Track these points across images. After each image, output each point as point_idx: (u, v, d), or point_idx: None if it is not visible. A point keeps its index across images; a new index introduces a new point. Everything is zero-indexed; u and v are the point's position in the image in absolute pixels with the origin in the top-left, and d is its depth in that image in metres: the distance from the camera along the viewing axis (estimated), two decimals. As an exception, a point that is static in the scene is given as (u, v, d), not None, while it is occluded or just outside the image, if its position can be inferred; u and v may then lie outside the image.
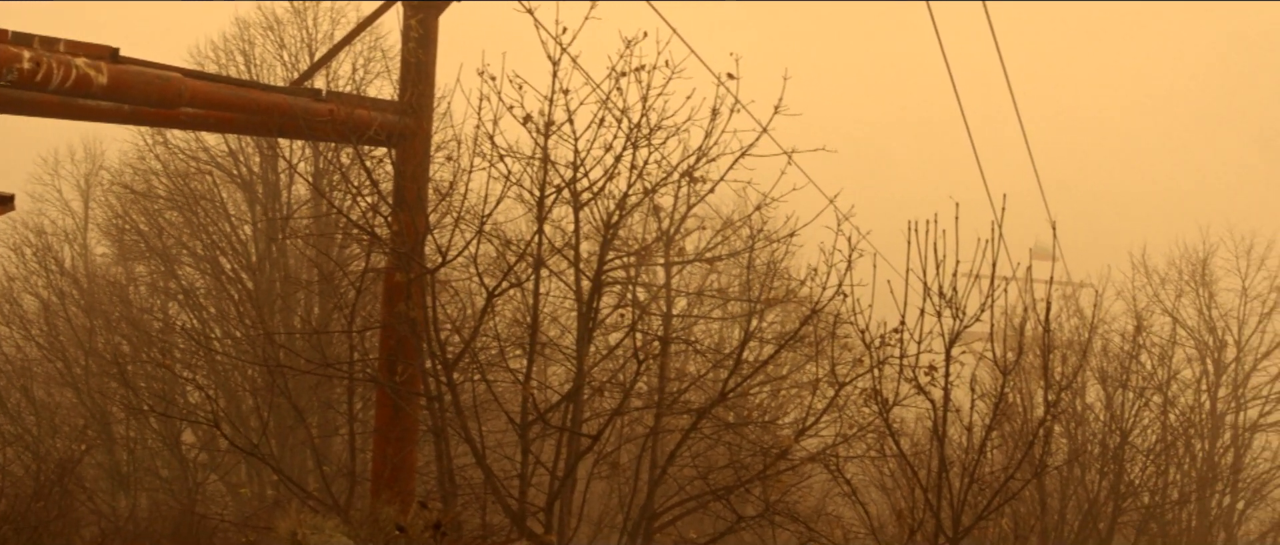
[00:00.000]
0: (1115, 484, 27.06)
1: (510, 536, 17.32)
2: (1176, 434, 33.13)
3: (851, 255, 17.31)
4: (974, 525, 16.85)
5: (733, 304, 20.51)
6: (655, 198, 18.06)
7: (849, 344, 18.98)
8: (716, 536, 19.34)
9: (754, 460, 19.24)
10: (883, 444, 18.98)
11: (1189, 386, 42.83)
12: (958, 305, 15.86)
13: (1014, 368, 16.95)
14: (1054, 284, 16.76)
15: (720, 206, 22.04)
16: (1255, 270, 47.08)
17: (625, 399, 18.58)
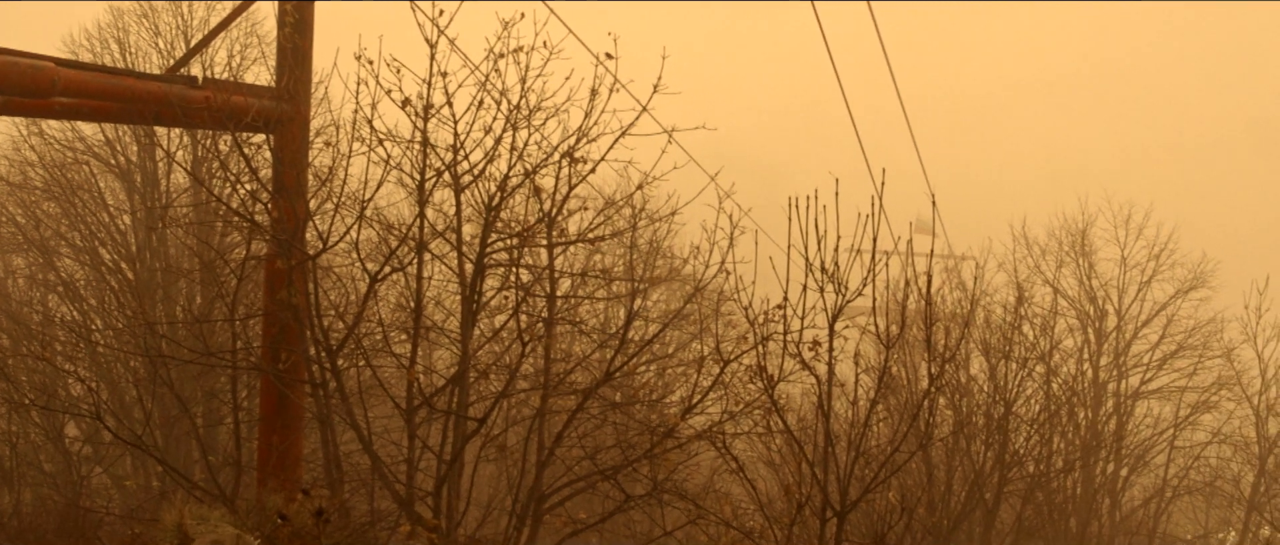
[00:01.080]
0: (1000, 454, 27.39)
1: (398, 522, 17.29)
2: (1060, 403, 33.62)
3: (733, 233, 17.44)
4: (861, 498, 17.00)
5: (617, 284, 20.55)
6: (536, 179, 18.06)
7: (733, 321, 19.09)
8: (605, 516, 19.41)
9: (641, 439, 19.35)
10: (769, 420, 19.08)
11: (1071, 356, 43.45)
12: (840, 280, 15.99)
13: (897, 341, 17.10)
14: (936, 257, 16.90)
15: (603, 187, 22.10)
16: (1134, 239, 47.75)
17: (511, 381, 18.61)
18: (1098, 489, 38.09)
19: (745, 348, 17.85)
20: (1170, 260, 47.56)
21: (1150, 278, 47.17)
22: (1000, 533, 28.52)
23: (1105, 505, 38.73)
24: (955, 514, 26.14)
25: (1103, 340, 45.82)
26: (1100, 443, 38.80)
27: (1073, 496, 35.15)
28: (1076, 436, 35.71)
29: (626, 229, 19.41)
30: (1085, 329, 45.72)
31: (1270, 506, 43.36)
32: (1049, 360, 33.84)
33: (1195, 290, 47.33)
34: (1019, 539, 28.82)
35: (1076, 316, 45.81)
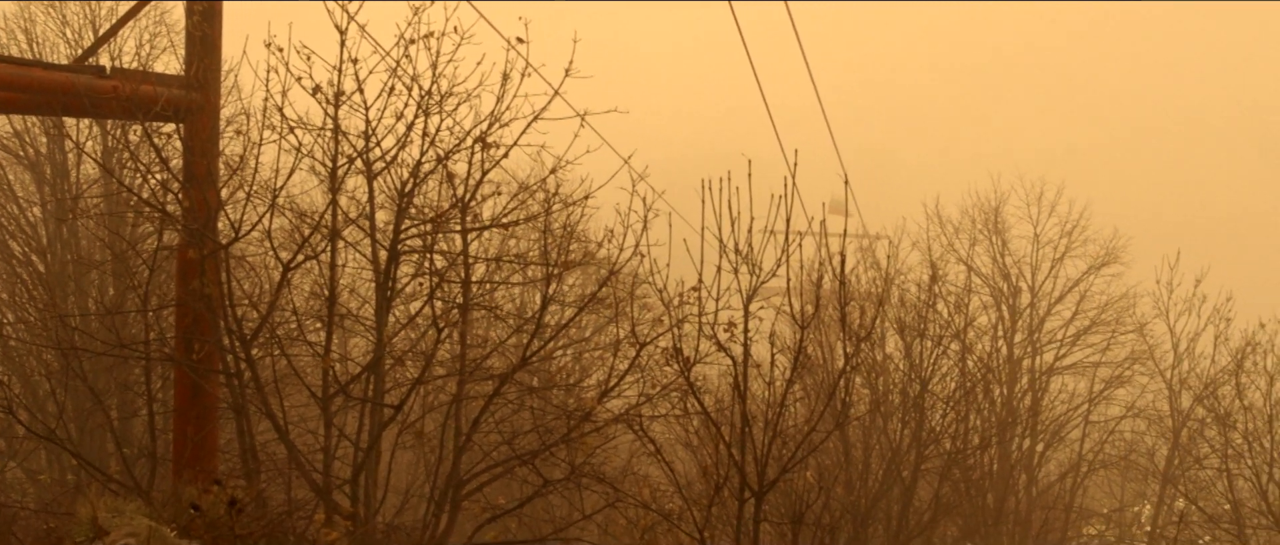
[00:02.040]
0: (917, 431, 27.66)
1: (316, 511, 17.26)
2: (975, 380, 33.94)
3: (647, 215, 17.49)
4: (779, 478, 17.16)
5: (532, 268, 20.59)
6: (449, 165, 18.07)
7: (649, 304, 19.24)
8: (524, 501, 19.48)
9: (559, 423, 19.41)
10: (686, 402, 19.19)
11: (985, 333, 43.84)
12: (754, 262, 16.12)
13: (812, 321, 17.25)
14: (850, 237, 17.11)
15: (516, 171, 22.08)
16: (1046, 216, 48.27)
17: (427, 367, 18.63)
18: (1014, 465, 38.51)
19: (661, 330, 18.00)
20: (1082, 237, 48.21)
21: (1063, 254, 47.76)
22: (918, 510, 28.78)
23: (1022, 481, 39.18)
24: (873, 492, 26.40)
25: (1017, 317, 46.30)
26: (1016, 419, 39.25)
27: (989, 473, 35.52)
28: (992, 413, 36.09)
29: (540, 213, 19.45)
30: (999, 306, 46.19)
31: (1184, 479, 43.97)
32: (964, 338, 34.15)
33: (1107, 266, 48.01)
34: (937, 516, 29.10)
35: (990, 294, 46.28)
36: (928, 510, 28.70)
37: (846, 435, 26.17)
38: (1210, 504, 43.06)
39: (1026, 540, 34.35)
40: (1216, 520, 42.15)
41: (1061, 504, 39.08)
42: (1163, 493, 45.49)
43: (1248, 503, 40.62)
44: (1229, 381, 42.85)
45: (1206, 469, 43.20)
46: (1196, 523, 43.11)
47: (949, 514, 30.54)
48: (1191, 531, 43.41)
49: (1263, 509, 39.23)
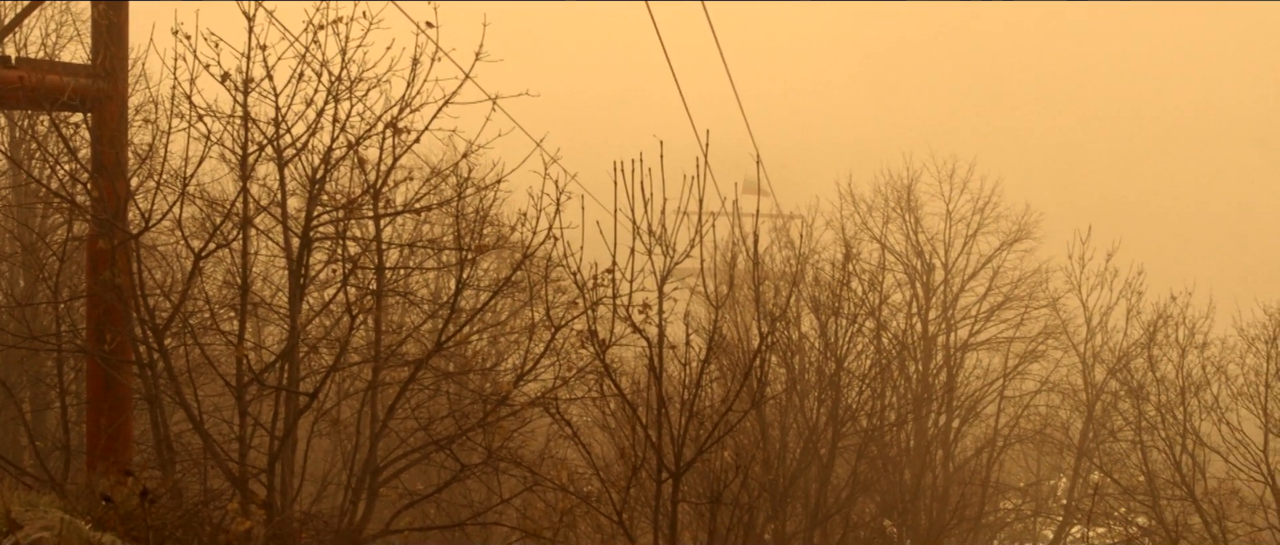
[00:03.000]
0: (834, 409, 27.91)
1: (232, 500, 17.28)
2: (890, 357, 34.33)
3: (560, 198, 17.60)
4: (696, 458, 17.33)
5: (446, 254, 20.65)
6: (361, 151, 18.11)
7: (563, 287, 19.33)
8: (441, 486, 19.59)
9: (475, 408, 19.52)
10: (602, 384, 19.34)
11: (900, 310, 44.18)
12: (668, 243, 16.28)
13: (726, 301, 17.46)
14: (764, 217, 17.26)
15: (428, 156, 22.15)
16: (958, 194, 48.62)
17: (342, 354, 18.69)
18: (930, 441, 38.88)
19: (576, 313, 18.12)
20: (995, 213, 48.55)
21: (976, 231, 48.10)
22: (836, 488, 29.07)
23: (938, 456, 39.52)
24: (791, 470, 26.62)
25: (931, 294, 46.62)
26: (931, 395, 39.63)
27: (906, 449, 35.94)
28: (908, 390, 36.51)
29: (453, 198, 19.52)
30: (913, 283, 46.48)
31: (1098, 452, 44.60)
32: (878, 315, 34.48)
33: (1020, 242, 48.41)
34: (854, 493, 29.41)
35: (904, 271, 46.54)
36: (845, 487, 29.00)
37: (763, 414, 26.38)
38: (1125, 476, 43.71)
39: (944, 515, 34.72)
40: (1131, 492, 42.84)
41: (978, 479, 39.51)
42: (1078, 466, 46.11)
43: (1162, 474, 41.29)
44: (1141, 354, 43.54)
45: (1121, 441, 43.84)
46: (1111, 495, 43.76)
47: (867, 491, 30.90)
48: (1107, 503, 44.05)
49: (1176, 480, 39.89)
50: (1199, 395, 41.00)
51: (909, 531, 34.44)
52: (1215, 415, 40.73)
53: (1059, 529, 47.07)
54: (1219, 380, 41.45)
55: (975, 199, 48.55)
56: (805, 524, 27.55)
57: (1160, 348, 43.20)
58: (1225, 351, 42.21)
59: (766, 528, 25.40)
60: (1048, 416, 47.00)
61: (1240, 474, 40.46)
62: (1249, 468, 39.92)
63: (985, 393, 43.67)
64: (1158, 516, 40.98)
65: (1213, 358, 42.04)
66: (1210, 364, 41.80)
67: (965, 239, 47.97)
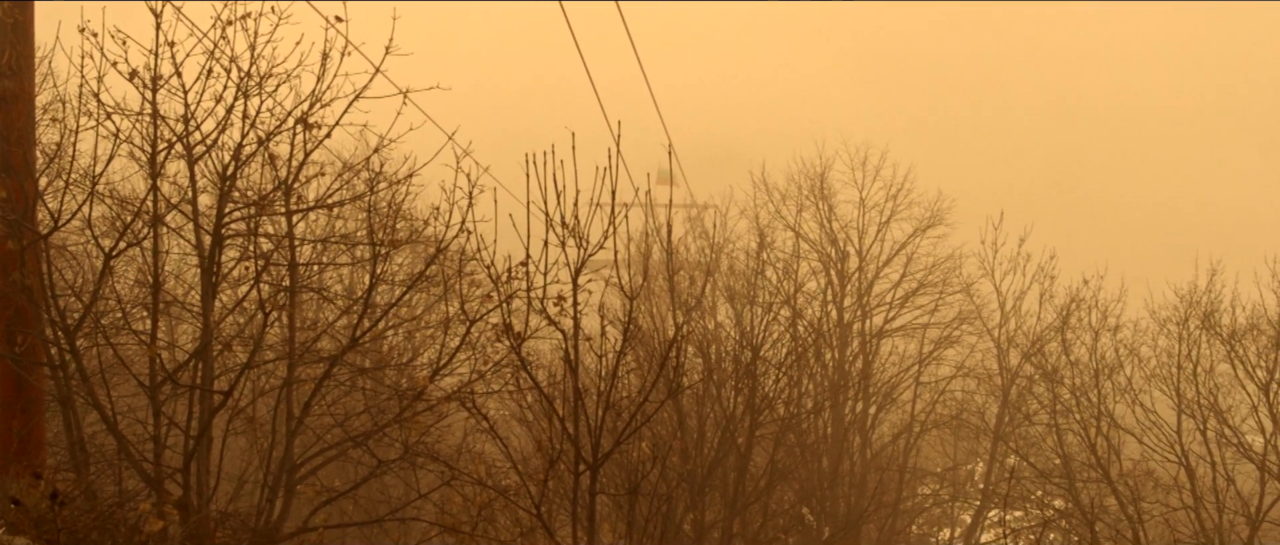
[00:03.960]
0: (750, 398, 28.09)
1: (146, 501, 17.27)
2: (806, 345, 34.62)
3: (473, 192, 17.69)
4: (613, 450, 17.48)
5: (360, 249, 20.73)
6: (272, 147, 18.14)
7: (478, 280, 19.43)
8: (358, 483, 19.68)
9: (391, 404, 19.61)
10: (518, 377, 19.45)
11: (815, 298, 44.65)
12: (581, 234, 16.42)
13: (641, 292, 17.63)
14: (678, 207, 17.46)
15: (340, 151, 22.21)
16: (871, 181, 49.06)
17: (256, 352, 18.70)
18: (848, 428, 39.28)
19: (491, 306, 18.22)
20: (908, 199, 49.05)
21: (889, 218, 48.56)
22: (754, 476, 29.28)
23: (856, 443, 39.94)
24: (709, 460, 26.81)
25: (845, 281, 47.05)
26: (848, 382, 40.03)
27: (824, 436, 36.27)
28: (824, 377, 36.87)
29: (365, 193, 19.60)
30: (828, 271, 46.89)
31: (1015, 436, 45.23)
32: (794, 303, 34.84)
33: (933, 228, 48.95)
34: (773, 481, 29.64)
35: (819, 259, 46.95)
36: (764, 476, 29.21)
37: (680, 404, 26.58)
38: (1041, 459, 44.35)
39: (862, 502, 35.09)
40: (1047, 475, 43.45)
41: (896, 465, 39.95)
42: (994, 450, 46.74)
43: (1077, 456, 41.90)
44: (1055, 338, 44.22)
45: (1036, 425, 44.48)
46: (1028, 478, 44.40)
47: (785, 479, 31.15)
48: (1023, 487, 44.72)
49: (1092, 462, 40.48)
50: (1113, 377, 41.66)
51: (827, 519, 34.79)
52: (1129, 397, 41.41)
53: (976, 513, 47.69)
54: (1132, 362, 42.15)
55: (888, 186, 49.06)
56: (724, 513, 27.76)
57: (1073, 331, 43.85)
58: (1138, 334, 42.95)
59: (685, 518, 25.61)
60: (964, 401, 47.58)
61: (1155, 455, 41.17)
62: (1163, 449, 40.64)
63: (901, 379, 44.16)
64: (1074, 498, 41.61)
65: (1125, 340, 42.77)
66: (1123, 346, 42.52)
67: (879, 226, 48.45)
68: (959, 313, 48.35)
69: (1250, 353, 40.42)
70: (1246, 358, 40.33)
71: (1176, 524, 39.59)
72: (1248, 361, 40.26)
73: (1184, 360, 40.70)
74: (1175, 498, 40.60)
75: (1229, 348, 40.67)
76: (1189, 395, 40.57)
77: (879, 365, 43.97)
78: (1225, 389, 41.11)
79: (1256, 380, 39.98)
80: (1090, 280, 43.60)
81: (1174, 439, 40.52)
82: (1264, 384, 39.78)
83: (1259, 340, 40.53)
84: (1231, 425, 40.63)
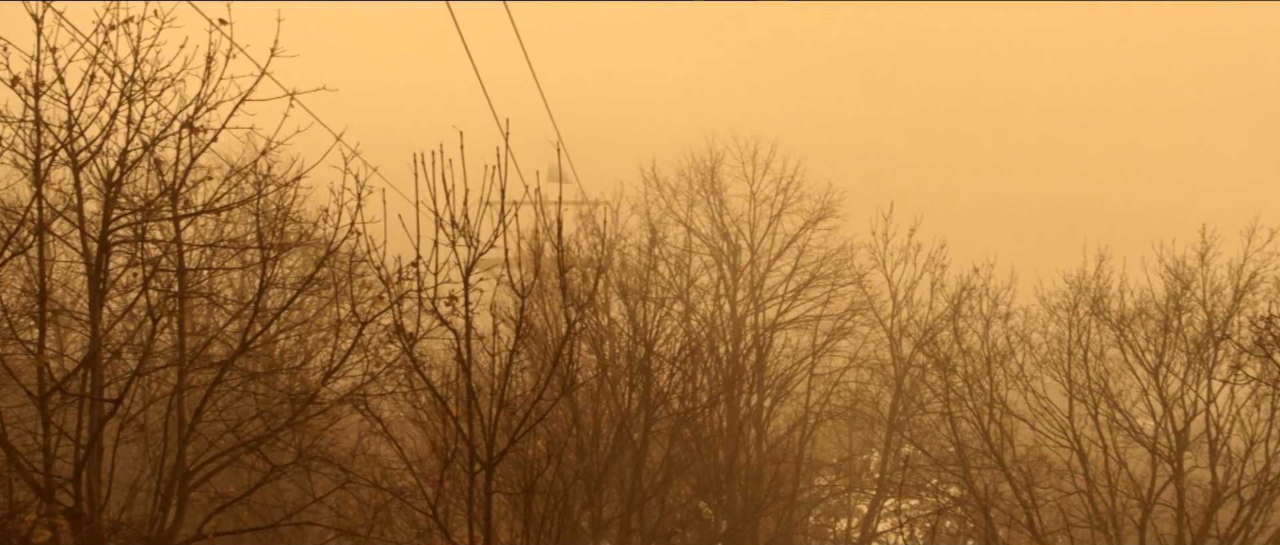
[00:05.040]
0: (645, 393, 28.30)
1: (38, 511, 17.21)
2: (699, 339, 34.86)
3: (361, 193, 17.72)
4: (508, 448, 17.58)
5: (250, 252, 20.70)
6: (157, 151, 18.10)
7: (368, 282, 19.49)
8: (252, 488, 19.66)
9: (284, 408, 19.61)
10: (412, 378, 19.54)
11: (708, 292, 44.96)
12: (471, 233, 16.51)
13: (533, 289, 17.72)
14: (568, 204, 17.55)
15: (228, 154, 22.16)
16: (762, 175, 49.41)
17: (145, 359, 18.64)
18: (743, 421, 39.49)
19: (382, 308, 18.28)
20: (798, 192, 49.46)
21: (780, 211, 48.96)
22: (650, 471, 29.46)
23: (752, 436, 40.20)
24: (605, 456, 27.00)
25: (738, 275, 47.39)
26: (742, 375, 40.24)
27: (720, 430, 36.47)
28: (718, 371, 37.03)
29: (254, 196, 19.60)
30: (720, 265, 47.22)
31: (909, 425, 45.70)
32: (687, 298, 35.12)
33: (824, 220, 49.40)
34: (669, 475, 29.84)
35: (711, 253, 47.27)
36: (660, 471, 29.42)
37: (575, 401, 26.75)
38: (935, 447, 44.82)
39: (758, 494, 35.40)
40: (942, 463, 43.95)
41: (791, 457, 40.23)
42: (889, 439, 47.25)
43: (971, 444, 42.41)
44: (947, 326, 44.73)
45: (930, 413, 44.94)
46: (923, 466, 44.90)
47: (681, 473, 31.37)
48: (918, 475, 45.17)
49: (986, 449, 41.00)
50: (1004, 365, 42.24)
51: (724, 512, 35.05)
52: (1021, 384, 42.02)
53: (872, 502, 48.20)
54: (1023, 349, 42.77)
55: (778, 179, 49.45)
56: (621, 509, 27.97)
57: (965, 319, 44.40)
58: (1028, 321, 43.58)
59: (583, 514, 25.81)
60: (858, 392, 48.05)
61: (1047, 440, 41.80)
62: (1055, 434, 41.30)
63: (795, 371, 44.52)
64: (969, 485, 42.14)
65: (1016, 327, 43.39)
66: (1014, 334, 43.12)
67: (770, 219, 48.83)
68: (851, 304, 48.86)
69: (1139, 337, 41.16)
70: (1135, 342, 41.08)
71: (1070, 508, 40.16)
72: (1137, 346, 41.01)
73: (1074, 346, 41.39)
74: (1068, 482, 41.24)
75: (1118, 333, 41.40)
76: (1080, 380, 41.26)
77: (773, 358, 44.30)
78: (1115, 373, 41.85)
79: (1146, 364, 40.73)
80: (980, 269, 44.20)
81: (1066, 424, 41.19)
82: (1153, 368, 40.53)
83: (1147, 325, 41.28)
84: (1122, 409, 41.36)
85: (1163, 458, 39.69)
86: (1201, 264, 40.63)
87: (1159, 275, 41.53)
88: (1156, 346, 40.55)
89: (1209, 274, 40.65)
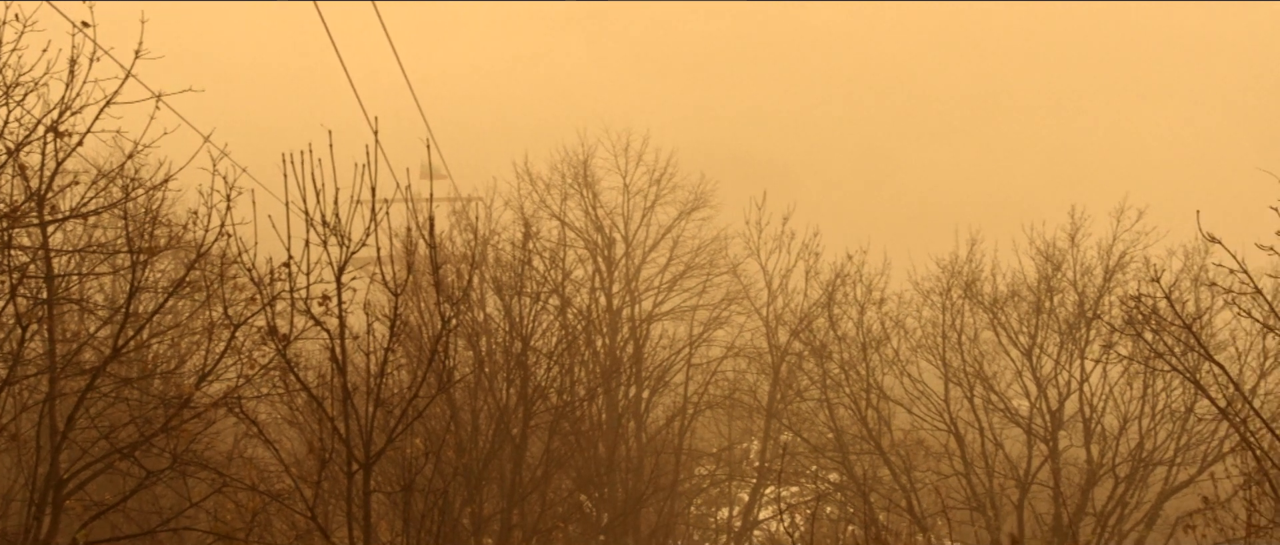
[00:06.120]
0: (523, 388, 28.46)
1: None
2: (576, 333, 35.03)
3: (231, 194, 17.67)
4: (386, 447, 17.66)
5: (120, 257, 20.60)
6: (21, 157, 17.98)
7: (240, 284, 19.44)
8: (127, 495, 19.56)
9: (158, 413, 19.52)
10: (287, 380, 19.54)
11: (583, 286, 45.10)
12: (343, 232, 16.57)
13: (406, 287, 17.81)
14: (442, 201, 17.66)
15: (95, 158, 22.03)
16: (634, 166, 49.69)
17: (15, 367, 18.52)
18: (622, 413, 39.67)
19: (254, 309, 18.26)
20: (671, 183, 49.81)
21: (654, 202, 49.35)
22: (531, 466, 29.57)
23: (631, 428, 40.37)
24: (484, 452, 27.10)
25: (613, 267, 47.65)
26: (620, 368, 40.47)
27: (599, 423, 36.64)
28: (596, 364, 37.23)
29: (122, 200, 19.51)
30: (595, 258, 47.42)
31: (787, 412, 46.13)
32: (562, 292, 35.22)
33: (697, 210, 49.83)
34: (549, 470, 29.98)
35: (586, 246, 47.47)
36: (540, 465, 29.54)
37: (453, 398, 26.86)
38: (814, 434, 45.44)
39: (639, 486, 35.61)
40: (821, 449, 44.56)
41: (671, 447, 40.43)
42: (768, 427, 47.68)
43: (849, 429, 43.05)
44: (822, 314, 45.30)
45: (808, 400, 45.53)
46: (802, 454, 45.46)
47: (561, 467, 31.52)
48: (798, 462, 45.74)
49: (864, 435, 41.64)
50: (880, 350, 42.95)
51: (606, 505, 35.27)
52: (897, 369, 42.77)
53: (753, 491, 48.58)
54: (898, 334, 43.56)
55: (651, 171, 49.75)
56: (502, 505, 28.08)
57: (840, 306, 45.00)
58: (903, 306, 44.39)
59: (463, 511, 25.90)
60: (736, 381, 48.40)
61: (924, 424, 42.59)
62: (932, 418, 42.09)
63: (673, 362, 44.72)
64: (848, 471, 42.81)
65: (891, 313, 44.19)
66: (889, 319, 43.90)
67: (644, 211, 49.20)
68: (727, 293, 49.39)
69: (1012, 319, 42.04)
70: (1009, 324, 41.95)
71: (948, 490, 40.81)
72: (1010, 328, 41.87)
73: (949, 329, 42.19)
74: (946, 465, 42.01)
75: (992, 315, 42.25)
76: (955, 364, 42.04)
77: (650, 349, 44.52)
78: (990, 356, 42.72)
79: (1019, 346, 41.60)
80: (854, 255, 44.77)
81: (942, 407, 41.98)
82: (1027, 349, 41.41)
83: (1020, 307, 42.17)
84: (997, 391, 42.22)
85: (1038, 438, 40.57)
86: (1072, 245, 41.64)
87: (1030, 258, 42.48)
88: (1030, 328, 41.45)
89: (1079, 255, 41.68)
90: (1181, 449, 39.00)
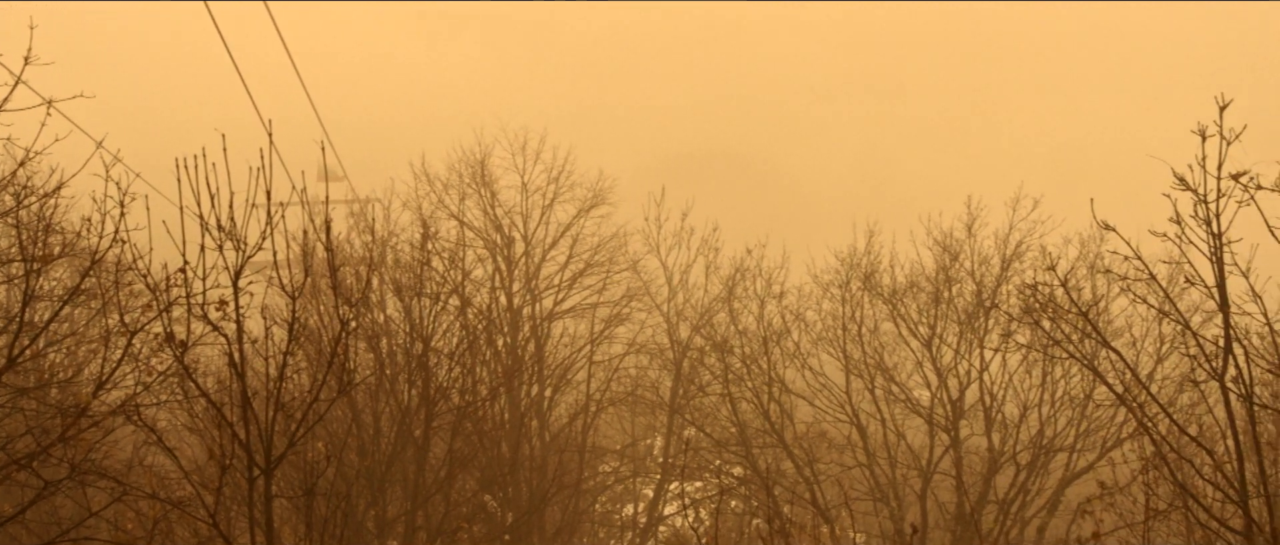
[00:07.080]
0: (425, 389, 28.43)
1: None
2: (477, 333, 35.05)
3: (124, 200, 17.53)
4: (286, 452, 17.62)
5: (14, 266, 20.44)
6: (-90, 168, 17.83)
7: (136, 291, 19.33)
8: (24, 507, 19.40)
9: (55, 423, 19.37)
10: (185, 386, 19.45)
11: (483, 285, 45.11)
12: (239, 236, 16.51)
13: (304, 290, 17.78)
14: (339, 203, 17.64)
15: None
16: (532, 165, 49.62)
17: (-93, 381, 18.34)
18: (525, 412, 39.73)
19: (150, 316, 18.14)
20: (570, 182, 49.77)
21: (552, 200, 49.26)
22: (434, 467, 29.56)
23: (534, 426, 40.41)
24: (387, 454, 27.11)
25: (513, 267, 47.60)
26: (522, 366, 40.51)
27: (501, 422, 36.72)
28: (497, 364, 37.28)
29: (13, 208, 19.36)
30: (495, 257, 47.36)
31: (690, 408, 46.31)
32: (462, 292, 35.26)
33: (596, 208, 49.80)
34: (453, 470, 29.97)
35: (485, 246, 47.38)
36: (443, 466, 29.52)
37: (354, 401, 26.83)
38: (717, 429, 45.66)
39: (543, 485, 35.66)
40: (724, 444, 44.80)
41: (575, 445, 40.53)
42: (671, 423, 47.90)
43: (752, 424, 43.29)
44: (723, 308, 45.66)
45: (710, 395, 45.77)
46: (706, 449, 45.70)
47: (465, 467, 31.51)
48: (702, 457, 45.98)
49: (766, 428, 41.90)
50: (781, 344, 43.25)
51: (510, 504, 35.36)
52: (798, 362, 43.11)
53: (658, 486, 48.75)
54: (799, 327, 43.90)
55: (549, 169, 49.69)
56: (406, 506, 28.07)
57: (740, 301, 45.39)
58: (803, 299, 44.74)
59: (367, 514, 25.89)
60: (638, 377, 48.53)
61: (827, 416, 42.97)
62: (834, 409, 42.49)
63: (574, 359, 44.93)
64: (751, 465, 43.06)
65: (791, 306, 44.53)
66: (789, 312, 44.24)
67: (543, 209, 49.11)
68: (628, 290, 49.43)
69: (912, 310, 42.49)
70: (908, 315, 42.40)
71: (851, 482, 41.10)
72: (910, 319, 42.33)
73: (849, 322, 42.60)
74: (849, 456, 42.36)
75: (891, 307, 42.69)
76: (856, 355, 42.44)
77: (551, 347, 44.71)
78: (890, 347, 43.18)
79: (919, 336, 42.05)
80: (753, 250, 45.09)
81: (844, 399, 42.38)
82: (926, 340, 41.86)
83: (919, 298, 42.61)
84: (898, 382, 42.70)
85: (940, 428, 41.02)
86: (969, 235, 42.14)
87: (928, 248, 42.87)
88: (929, 318, 41.89)
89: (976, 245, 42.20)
90: (1081, 435, 39.59)
